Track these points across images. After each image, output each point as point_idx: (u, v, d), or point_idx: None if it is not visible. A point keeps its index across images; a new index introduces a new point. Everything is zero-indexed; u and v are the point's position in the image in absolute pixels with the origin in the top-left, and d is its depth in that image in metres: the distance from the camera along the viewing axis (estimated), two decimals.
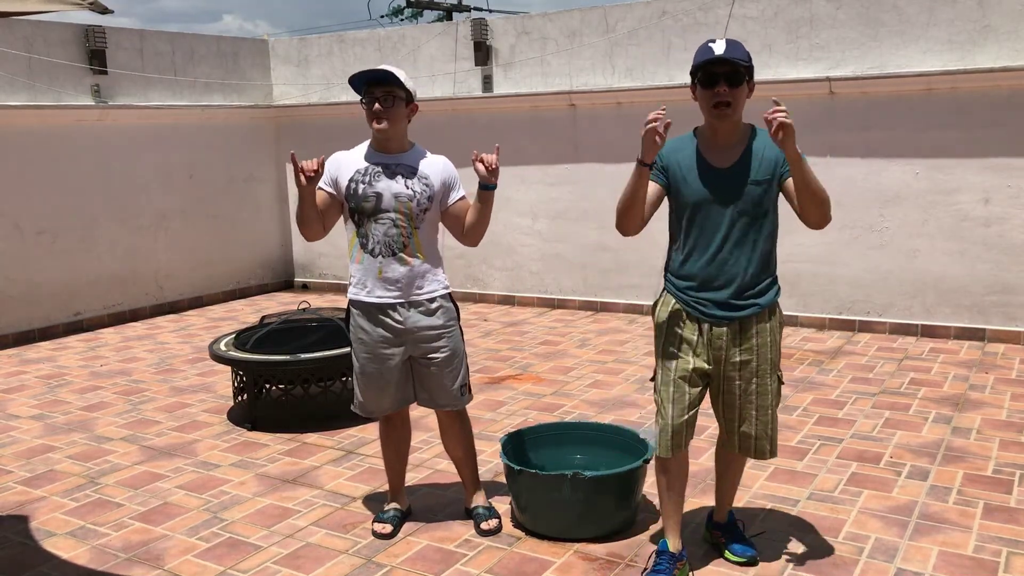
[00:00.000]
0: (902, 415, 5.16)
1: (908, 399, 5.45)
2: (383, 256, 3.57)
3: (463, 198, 3.70)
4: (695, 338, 3.18)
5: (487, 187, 3.53)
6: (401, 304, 3.59)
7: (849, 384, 5.80)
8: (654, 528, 3.73)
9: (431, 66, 8.83)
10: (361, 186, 3.56)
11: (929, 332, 6.98)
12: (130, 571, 3.57)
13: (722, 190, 3.10)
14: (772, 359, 3.20)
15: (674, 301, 3.22)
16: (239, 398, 5.46)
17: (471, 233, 3.67)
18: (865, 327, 7.22)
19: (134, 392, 6.12)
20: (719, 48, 2.99)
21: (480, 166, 3.49)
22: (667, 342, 3.22)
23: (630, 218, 3.09)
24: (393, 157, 3.61)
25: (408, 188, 3.56)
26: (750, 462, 3.84)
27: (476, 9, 21.70)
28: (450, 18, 21.46)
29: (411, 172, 3.59)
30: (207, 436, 5.17)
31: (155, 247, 8.83)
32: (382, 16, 41.95)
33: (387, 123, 3.53)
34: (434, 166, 3.65)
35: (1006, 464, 4.39)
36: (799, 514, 3.89)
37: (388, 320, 3.60)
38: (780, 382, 3.27)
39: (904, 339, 6.94)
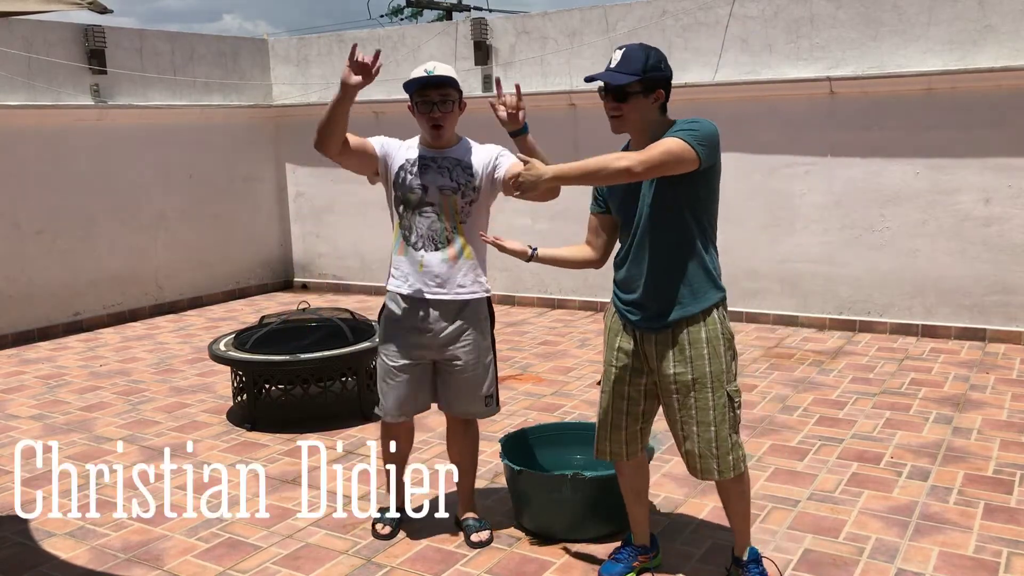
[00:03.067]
0: (903, 415, 5.15)
1: (909, 399, 5.45)
2: (425, 250, 3.47)
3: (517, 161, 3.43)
4: (630, 347, 3.11)
5: (518, 132, 3.28)
6: (439, 300, 3.48)
7: (850, 384, 5.79)
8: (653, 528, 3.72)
9: None
10: (409, 176, 3.47)
11: (930, 332, 6.97)
12: (130, 571, 3.57)
13: (622, 190, 3.05)
14: (712, 372, 2.99)
15: (614, 309, 3.18)
16: (239, 398, 5.45)
17: None
18: (865, 327, 7.22)
19: (133, 392, 6.11)
20: (614, 60, 2.94)
21: (502, 112, 3.25)
22: (607, 349, 3.19)
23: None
24: (441, 152, 3.50)
25: (452, 180, 3.46)
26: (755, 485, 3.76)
27: (476, 8, 21.67)
28: (450, 17, 21.44)
29: (456, 163, 3.48)
30: (207, 436, 5.16)
31: (155, 247, 8.83)
32: (382, 16, 41.94)
33: (444, 127, 3.44)
34: (479, 155, 3.53)
35: (1007, 464, 4.38)
36: (799, 514, 3.89)
37: (423, 316, 3.49)
38: (730, 399, 3.03)
39: (905, 339, 6.94)
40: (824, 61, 7.12)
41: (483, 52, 8.54)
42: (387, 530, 3.77)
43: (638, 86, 2.93)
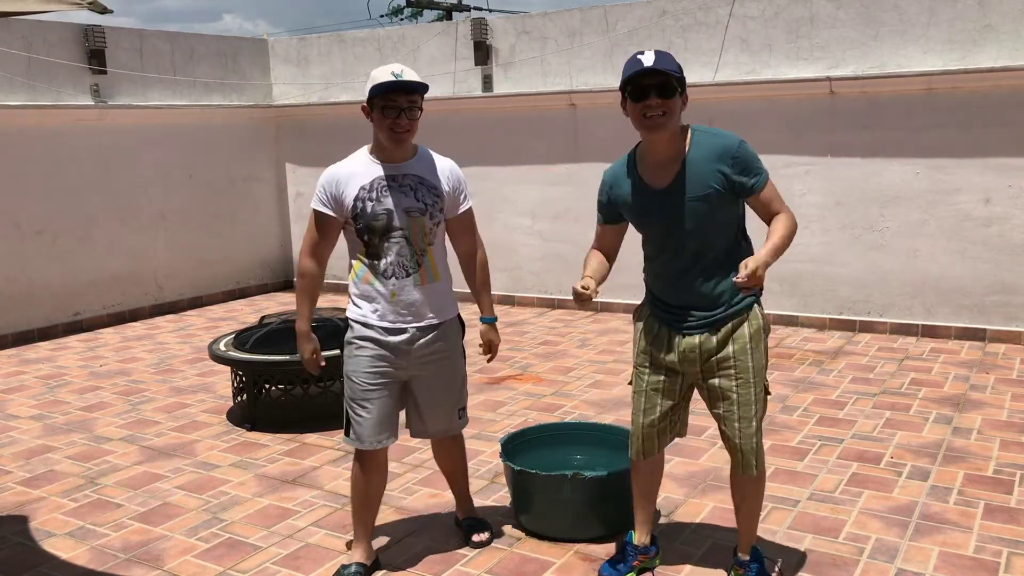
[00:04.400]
0: (903, 415, 5.15)
1: (909, 399, 5.44)
2: (397, 278, 3.27)
3: (470, 208, 3.47)
4: (666, 348, 3.12)
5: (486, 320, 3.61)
6: (414, 328, 3.32)
7: (850, 384, 5.79)
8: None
9: (431, 66, 8.82)
10: (369, 204, 3.23)
11: (930, 332, 6.97)
12: (130, 571, 3.57)
13: (664, 213, 3.01)
14: (752, 367, 3.03)
15: (650, 310, 3.20)
16: (239, 398, 5.46)
17: (470, 278, 3.62)
18: (866, 327, 7.22)
19: (133, 392, 6.11)
20: (648, 59, 2.86)
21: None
22: (641, 350, 3.19)
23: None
24: (399, 167, 3.28)
25: (419, 201, 3.26)
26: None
27: (476, 9, 21.68)
28: (450, 18, 21.44)
29: (419, 182, 3.28)
30: (207, 436, 5.16)
31: (155, 247, 8.83)
32: (382, 16, 41.97)
33: (408, 135, 3.24)
34: (443, 173, 3.35)
35: (1007, 464, 4.38)
36: (799, 514, 3.89)
37: (394, 343, 3.31)
38: (766, 391, 3.09)
39: (905, 339, 6.93)
40: (824, 61, 7.12)
41: (483, 52, 8.54)
42: None
43: (678, 84, 2.91)
